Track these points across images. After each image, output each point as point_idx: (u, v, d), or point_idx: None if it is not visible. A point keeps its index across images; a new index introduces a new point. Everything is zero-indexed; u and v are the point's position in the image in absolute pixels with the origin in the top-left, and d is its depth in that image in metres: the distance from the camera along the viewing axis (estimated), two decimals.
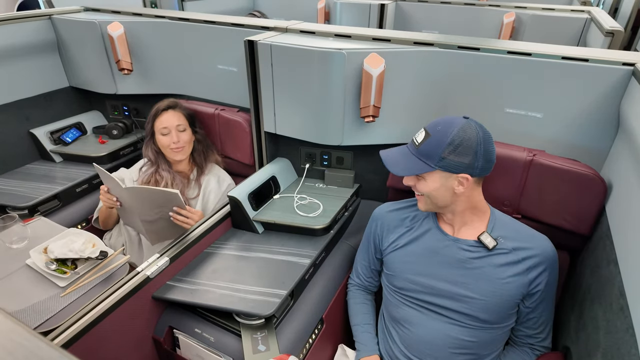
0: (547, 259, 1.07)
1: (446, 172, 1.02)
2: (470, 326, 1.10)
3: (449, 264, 1.11)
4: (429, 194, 1.07)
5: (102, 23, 1.81)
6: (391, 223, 1.23)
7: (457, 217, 1.12)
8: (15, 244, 1.32)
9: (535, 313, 1.11)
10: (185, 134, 1.61)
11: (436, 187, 1.05)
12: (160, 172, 1.61)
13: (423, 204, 1.12)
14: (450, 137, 0.99)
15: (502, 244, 1.08)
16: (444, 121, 1.03)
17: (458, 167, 1.01)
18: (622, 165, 1.06)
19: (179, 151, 1.59)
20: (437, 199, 1.07)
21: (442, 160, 1.00)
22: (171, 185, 1.59)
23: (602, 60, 1.13)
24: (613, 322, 0.83)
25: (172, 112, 1.61)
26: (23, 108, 1.91)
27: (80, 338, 0.99)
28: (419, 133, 1.07)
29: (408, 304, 1.18)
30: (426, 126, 1.06)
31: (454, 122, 1.02)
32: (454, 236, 1.13)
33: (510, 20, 2.41)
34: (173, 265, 1.24)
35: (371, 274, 1.33)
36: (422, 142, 1.04)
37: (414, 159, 1.05)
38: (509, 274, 1.06)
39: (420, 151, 1.03)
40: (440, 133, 1.01)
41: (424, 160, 1.03)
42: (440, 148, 1.00)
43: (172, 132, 1.58)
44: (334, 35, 1.47)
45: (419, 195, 1.11)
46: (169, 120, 1.58)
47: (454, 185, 1.04)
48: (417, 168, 1.04)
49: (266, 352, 1.07)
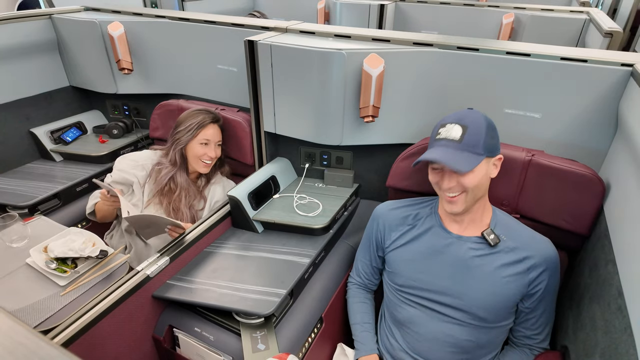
0: (547, 261, 1.07)
1: (489, 157, 1.03)
2: (469, 325, 1.11)
3: (451, 262, 1.12)
4: (475, 186, 1.02)
5: (102, 23, 1.81)
6: (393, 221, 1.23)
7: (470, 213, 1.10)
8: (15, 242, 1.32)
9: (535, 314, 1.11)
10: (219, 150, 1.63)
11: (482, 175, 1.03)
12: (175, 179, 1.57)
13: (462, 202, 1.05)
14: (485, 122, 1.03)
15: (504, 242, 1.09)
16: (463, 114, 1.05)
17: (496, 149, 1.05)
18: (621, 165, 1.07)
19: (208, 165, 1.60)
20: (480, 189, 1.05)
21: (487, 145, 1.01)
22: (185, 196, 1.56)
23: (601, 61, 1.13)
24: (611, 322, 0.83)
25: (217, 127, 1.61)
26: (23, 107, 1.91)
27: (80, 337, 1.00)
28: (448, 130, 1.03)
29: (409, 303, 1.18)
30: (452, 121, 1.04)
31: (472, 111, 1.06)
32: (457, 234, 1.13)
33: (510, 20, 2.42)
34: (173, 264, 1.24)
35: (372, 272, 1.33)
36: (463, 135, 1.01)
37: (465, 154, 1.00)
38: (509, 272, 1.07)
39: (466, 144, 1.00)
40: (475, 122, 1.02)
41: (472, 152, 1.01)
42: (482, 134, 1.01)
43: (211, 145, 1.58)
44: (333, 36, 1.47)
45: (456, 195, 1.04)
46: (213, 134, 1.58)
47: (492, 170, 1.07)
48: (473, 160, 1.00)
49: (266, 350, 1.07)
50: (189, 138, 1.56)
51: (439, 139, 1.04)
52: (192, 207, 1.58)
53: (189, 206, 1.57)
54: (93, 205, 1.59)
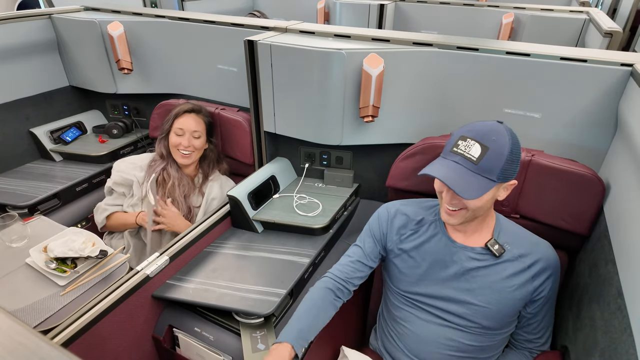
0: (550, 266, 1.07)
1: (502, 183, 0.97)
2: (471, 331, 1.11)
3: (456, 271, 1.10)
4: (478, 208, 0.98)
5: (102, 22, 1.81)
6: (396, 221, 1.19)
7: (473, 223, 1.07)
8: (15, 242, 1.33)
9: (537, 318, 1.11)
10: (198, 141, 1.60)
11: (488, 199, 0.97)
12: (168, 170, 1.61)
13: (460, 218, 1.01)
14: (509, 147, 0.93)
15: (509, 251, 1.07)
16: (491, 130, 0.95)
17: (512, 174, 0.97)
18: (620, 165, 1.07)
19: (186, 156, 1.59)
20: (482, 210, 1.00)
21: (503, 172, 0.94)
22: (179, 185, 1.58)
23: (601, 61, 1.13)
24: (611, 322, 0.83)
25: (193, 116, 1.61)
26: (23, 107, 1.91)
27: (80, 337, 1.00)
28: (468, 146, 0.95)
29: (410, 306, 1.18)
30: (473, 136, 0.95)
31: (500, 129, 0.95)
32: (462, 244, 1.10)
33: (509, 20, 2.42)
34: (173, 264, 1.24)
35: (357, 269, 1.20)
36: (481, 157, 0.93)
37: (478, 178, 0.93)
38: (515, 282, 1.06)
39: (482, 167, 0.93)
40: (498, 144, 0.93)
41: (486, 177, 0.93)
42: (501, 161, 0.93)
43: (186, 135, 1.58)
44: (333, 36, 1.47)
45: (457, 210, 1.00)
46: (186, 123, 1.58)
47: (501, 194, 1.00)
48: (484, 187, 0.94)
49: (265, 350, 1.07)
50: (168, 128, 1.61)
51: (455, 152, 0.96)
52: (187, 196, 1.59)
53: (184, 195, 1.58)
54: (104, 219, 1.60)
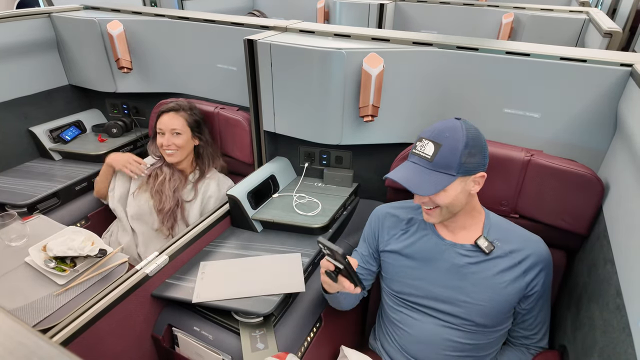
0: (542, 260, 1.07)
1: (465, 176, 0.99)
2: (467, 330, 1.11)
3: (446, 269, 1.10)
4: (449, 204, 1.01)
5: (101, 21, 1.81)
6: (385, 222, 1.22)
7: (459, 220, 1.09)
8: (14, 241, 1.33)
9: (532, 314, 1.11)
10: (178, 138, 1.60)
11: (456, 194, 1.00)
12: (162, 168, 1.64)
13: (437, 216, 1.04)
14: (463, 141, 0.96)
15: (499, 247, 1.08)
16: (445, 127, 0.99)
17: (476, 167, 0.99)
18: (619, 165, 1.07)
19: (170, 154, 1.61)
20: (456, 206, 1.03)
21: (462, 165, 0.96)
22: (169, 180, 1.61)
23: (600, 61, 1.13)
24: (609, 321, 0.83)
25: (172, 115, 1.61)
26: (22, 106, 1.91)
27: (80, 336, 1.00)
28: (423, 146, 1.00)
29: (405, 307, 1.18)
30: (427, 136, 1.00)
31: (455, 125, 0.98)
32: (451, 241, 1.11)
33: (509, 20, 2.42)
34: (172, 263, 1.24)
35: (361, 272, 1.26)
36: (435, 154, 0.97)
37: (434, 174, 0.98)
38: (507, 278, 1.06)
39: (437, 164, 0.97)
40: (451, 139, 0.96)
41: (444, 172, 0.97)
42: (456, 155, 0.96)
43: (165, 134, 1.59)
44: (333, 35, 1.47)
45: (432, 208, 1.04)
46: (165, 123, 1.60)
47: (471, 187, 1.02)
48: (441, 182, 0.97)
49: (265, 350, 1.07)
50: (154, 130, 1.65)
51: (414, 154, 1.02)
52: (177, 190, 1.61)
53: (174, 189, 1.60)
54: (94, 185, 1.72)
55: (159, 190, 1.59)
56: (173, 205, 1.58)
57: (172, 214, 1.57)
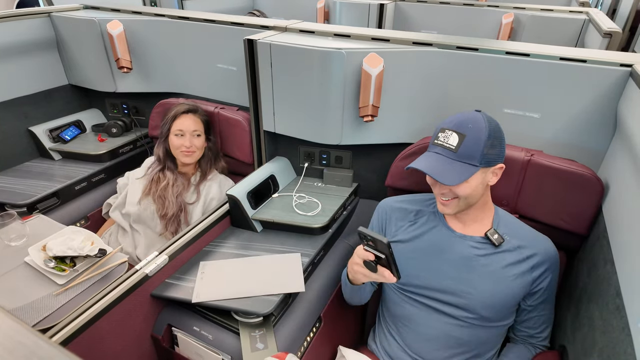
0: (549, 259, 1.08)
1: (486, 167, 1.01)
2: (470, 324, 1.11)
3: (455, 261, 1.11)
4: (468, 195, 1.02)
5: (101, 21, 1.81)
6: (393, 214, 1.22)
7: (471, 212, 1.10)
8: (13, 241, 1.32)
9: (536, 312, 1.12)
10: (198, 140, 1.62)
11: (477, 185, 1.01)
12: (164, 172, 1.63)
13: (454, 207, 1.05)
14: (486, 132, 0.98)
15: (508, 241, 1.09)
16: (467, 118, 1.01)
17: (496, 159, 1.01)
18: (619, 165, 1.07)
19: (189, 155, 1.60)
20: (474, 197, 1.04)
21: (484, 156, 0.98)
22: (172, 185, 1.60)
23: (600, 61, 1.13)
24: (609, 322, 0.83)
25: (191, 116, 1.61)
26: (22, 105, 1.91)
27: (79, 336, 0.99)
28: (447, 136, 1.01)
29: (409, 301, 1.18)
30: (451, 127, 1.01)
31: (477, 116, 1.01)
32: (461, 233, 1.12)
33: (509, 20, 2.42)
34: (172, 263, 1.24)
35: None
36: (459, 145, 0.99)
37: (458, 164, 0.99)
38: (514, 272, 1.07)
39: (461, 154, 0.99)
40: (475, 130, 0.98)
41: (467, 162, 0.99)
42: (480, 145, 0.98)
43: (186, 135, 1.59)
44: (333, 35, 1.47)
45: (450, 199, 1.05)
46: (185, 124, 1.59)
47: (489, 179, 1.04)
48: (465, 172, 0.98)
49: (264, 350, 1.07)
50: (167, 131, 1.62)
51: (436, 144, 1.03)
52: (179, 195, 1.60)
53: (177, 195, 1.59)
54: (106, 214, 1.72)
55: (161, 195, 1.57)
56: (176, 211, 1.58)
57: (176, 219, 1.57)
